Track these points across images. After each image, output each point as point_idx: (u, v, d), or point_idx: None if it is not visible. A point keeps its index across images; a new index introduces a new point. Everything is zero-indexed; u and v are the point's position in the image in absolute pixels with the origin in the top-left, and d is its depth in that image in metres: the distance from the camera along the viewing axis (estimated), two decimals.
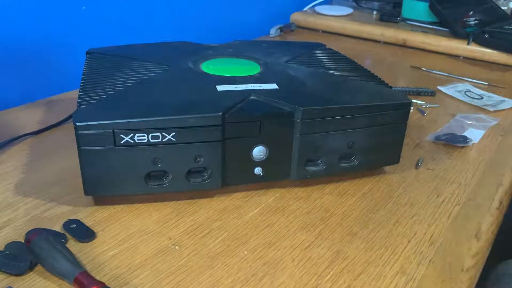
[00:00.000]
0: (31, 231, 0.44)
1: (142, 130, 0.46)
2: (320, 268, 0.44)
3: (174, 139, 0.47)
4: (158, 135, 0.47)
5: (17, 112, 0.74)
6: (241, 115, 0.49)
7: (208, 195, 0.54)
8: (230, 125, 0.49)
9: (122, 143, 0.46)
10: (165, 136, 0.47)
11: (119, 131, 0.46)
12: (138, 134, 0.46)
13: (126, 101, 0.50)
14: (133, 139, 0.46)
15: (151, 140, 0.47)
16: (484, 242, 0.49)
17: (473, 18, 1.18)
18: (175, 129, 0.47)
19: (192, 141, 0.48)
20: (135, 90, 0.53)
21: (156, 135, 0.47)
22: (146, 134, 0.46)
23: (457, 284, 0.43)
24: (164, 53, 0.66)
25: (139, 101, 0.50)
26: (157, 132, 0.47)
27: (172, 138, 0.47)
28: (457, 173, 0.61)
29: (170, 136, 0.47)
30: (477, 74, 1.00)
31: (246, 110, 0.50)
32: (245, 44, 0.75)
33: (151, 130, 0.46)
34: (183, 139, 0.48)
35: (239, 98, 0.51)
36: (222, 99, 0.51)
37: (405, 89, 0.87)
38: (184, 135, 0.48)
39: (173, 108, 0.48)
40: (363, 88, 0.59)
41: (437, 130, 0.73)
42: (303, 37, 1.27)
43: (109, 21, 0.92)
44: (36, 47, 0.81)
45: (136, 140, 0.46)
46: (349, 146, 0.54)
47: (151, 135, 0.47)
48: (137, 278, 0.42)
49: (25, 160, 0.60)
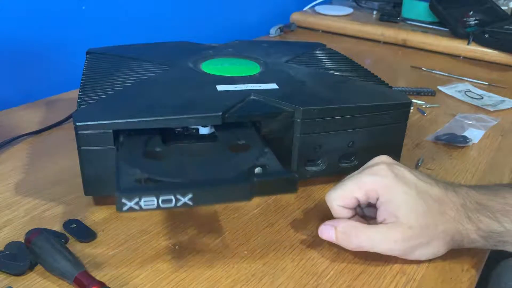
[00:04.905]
0: (31, 231, 0.44)
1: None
2: (320, 268, 0.44)
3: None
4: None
5: (17, 112, 0.74)
6: (241, 115, 0.49)
7: None
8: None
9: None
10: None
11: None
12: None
13: (126, 101, 0.50)
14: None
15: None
16: None
17: (473, 18, 1.18)
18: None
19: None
20: (135, 90, 0.53)
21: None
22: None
23: (457, 284, 0.43)
24: (164, 53, 0.66)
25: (139, 101, 0.50)
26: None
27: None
28: (457, 173, 0.61)
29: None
30: (477, 74, 1.00)
31: (246, 110, 0.50)
32: (245, 44, 0.75)
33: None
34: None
35: (239, 98, 0.51)
36: (222, 99, 0.51)
37: (405, 89, 0.87)
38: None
39: (173, 108, 0.48)
40: (363, 88, 0.59)
41: (437, 130, 0.73)
42: (303, 37, 1.27)
43: (109, 21, 0.92)
44: (36, 47, 0.81)
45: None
46: (349, 146, 0.54)
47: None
48: (137, 278, 0.42)
49: (25, 160, 0.60)
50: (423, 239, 0.42)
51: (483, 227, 0.41)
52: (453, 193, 0.43)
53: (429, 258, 0.44)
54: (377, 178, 0.43)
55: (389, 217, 0.43)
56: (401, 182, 0.43)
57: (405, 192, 0.42)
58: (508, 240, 0.41)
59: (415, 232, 0.42)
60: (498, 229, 0.41)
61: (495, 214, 0.41)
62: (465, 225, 0.42)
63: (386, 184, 0.43)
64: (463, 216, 0.42)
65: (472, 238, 0.42)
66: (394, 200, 0.42)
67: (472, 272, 0.45)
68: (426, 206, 0.42)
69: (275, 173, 0.42)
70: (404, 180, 0.43)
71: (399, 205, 0.42)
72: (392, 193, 0.43)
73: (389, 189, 0.43)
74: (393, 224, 0.42)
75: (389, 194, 0.43)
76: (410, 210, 0.42)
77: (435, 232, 0.42)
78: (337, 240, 0.44)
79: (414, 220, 0.42)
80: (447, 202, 0.42)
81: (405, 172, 0.44)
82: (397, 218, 0.42)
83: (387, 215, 0.43)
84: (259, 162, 0.43)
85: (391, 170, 0.43)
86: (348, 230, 0.43)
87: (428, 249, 0.43)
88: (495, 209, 0.41)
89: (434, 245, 0.43)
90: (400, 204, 0.42)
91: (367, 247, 0.43)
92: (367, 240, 0.43)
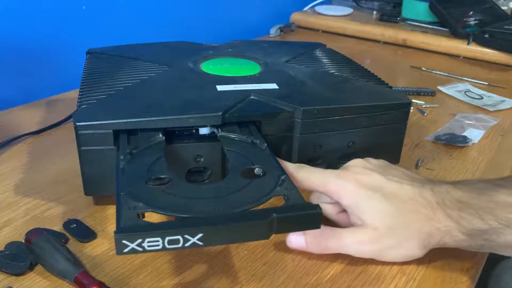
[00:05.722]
0: (31, 231, 0.44)
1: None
2: (320, 268, 0.44)
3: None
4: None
5: (17, 112, 0.74)
6: (241, 115, 0.49)
7: None
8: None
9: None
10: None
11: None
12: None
13: (126, 101, 0.50)
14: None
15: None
16: None
17: (473, 18, 1.18)
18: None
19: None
20: (135, 90, 0.53)
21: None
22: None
23: (457, 284, 0.43)
24: (164, 53, 0.66)
25: (139, 101, 0.50)
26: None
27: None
28: (457, 173, 0.61)
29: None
30: (477, 74, 1.00)
31: (246, 110, 0.50)
32: (245, 44, 0.75)
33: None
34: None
35: (239, 98, 0.51)
36: (222, 99, 0.51)
37: (405, 89, 0.87)
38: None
39: (173, 108, 0.48)
40: (363, 88, 0.59)
41: (437, 130, 0.73)
42: (303, 37, 1.27)
43: (109, 21, 0.92)
44: (36, 47, 0.81)
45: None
46: (349, 146, 0.54)
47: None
48: (137, 278, 0.42)
49: (25, 160, 0.60)
50: (392, 240, 0.42)
51: (465, 224, 0.40)
52: (429, 192, 0.42)
53: (406, 259, 0.43)
54: (340, 182, 0.44)
55: (356, 220, 0.43)
56: (364, 187, 0.43)
57: (368, 196, 0.42)
58: (495, 238, 0.40)
59: (381, 233, 0.42)
60: (482, 226, 0.40)
61: (478, 211, 0.40)
62: (443, 222, 0.41)
63: (348, 189, 0.43)
64: (440, 213, 0.41)
65: (455, 235, 0.41)
66: (357, 205, 0.43)
67: (472, 272, 0.45)
68: (393, 207, 0.42)
69: (297, 209, 0.37)
70: (368, 185, 0.43)
71: (363, 209, 0.42)
72: (355, 197, 0.43)
73: (351, 194, 0.43)
74: (360, 226, 0.43)
75: (351, 199, 0.43)
76: (374, 213, 0.42)
77: (406, 232, 0.42)
78: (307, 247, 0.44)
79: (379, 222, 0.42)
80: (420, 201, 0.42)
81: (373, 176, 0.44)
82: (362, 221, 0.42)
83: (355, 218, 0.43)
84: (277, 193, 0.39)
85: (355, 177, 0.44)
86: (318, 234, 0.43)
87: (400, 250, 0.43)
88: (478, 207, 0.40)
89: (407, 246, 0.42)
90: (363, 208, 0.42)
91: (337, 249, 0.43)
92: (336, 242, 0.43)
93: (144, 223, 0.34)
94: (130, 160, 0.42)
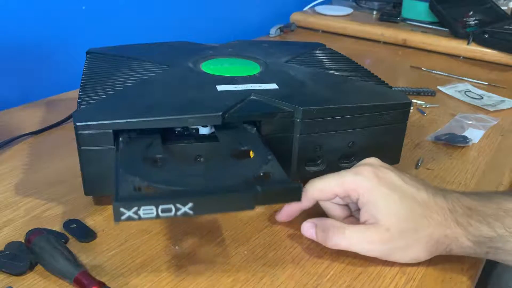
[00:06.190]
0: (31, 231, 0.44)
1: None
2: (320, 268, 0.44)
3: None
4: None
5: (17, 112, 0.74)
6: (241, 115, 0.49)
7: None
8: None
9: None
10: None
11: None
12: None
13: (126, 101, 0.50)
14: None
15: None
16: None
17: (473, 18, 1.18)
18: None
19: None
20: (135, 90, 0.53)
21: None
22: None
23: (457, 284, 0.43)
24: (164, 53, 0.66)
25: (139, 101, 0.50)
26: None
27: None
28: (457, 173, 0.61)
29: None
30: (477, 74, 1.00)
31: (246, 110, 0.50)
32: (245, 44, 0.75)
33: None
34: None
35: (239, 98, 0.51)
36: (222, 99, 0.51)
37: (405, 89, 0.87)
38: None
39: (173, 108, 0.48)
40: (363, 88, 0.59)
41: (437, 130, 0.73)
42: (303, 37, 1.27)
43: (109, 21, 0.92)
44: (36, 47, 0.81)
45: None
46: (349, 146, 0.54)
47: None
48: (137, 278, 0.42)
49: (25, 160, 0.60)
50: (401, 242, 0.42)
51: (473, 231, 0.41)
52: (441, 198, 0.43)
53: (410, 262, 0.43)
54: (359, 178, 0.43)
55: (370, 218, 0.43)
56: (383, 184, 0.43)
57: (386, 194, 0.42)
58: (501, 246, 0.40)
59: (393, 235, 0.42)
60: (489, 233, 0.40)
61: (486, 218, 0.40)
62: (452, 228, 0.41)
63: (367, 185, 0.43)
64: (451, 220, 0.41)
65: (461, 242, 0.41)
66: (374, 202, 0.42)
67: (472, 272, 0.45)
68: (408, 210, 0.42)
69: (279, 183, 0.41)
70: (387, 183, 0.43)
71: (379, 207, 0.42)
72: (373, 195, 0.43)
73: (370, 190, 0.43)
74: (372, 225, 0.42)
75: (370, 196, 0.43)
76: (390, 213, 0.42)
77: (416, 236, 0.42)
78: (317, 238, 0.44)
79: (393, 223, 0.42)
80: (433, 207, 0.42)
81: (391, 175, 0.44)
82: (376, 220, 0.42)
83: (368, 216, 0.43)
84: (263, 170, 0.42)
85: (375, 172, 0.43)
86: (327, 228, 0.43)
87: (407, 253, 0.43)
88: (486, 214, 0.41)
89: (414, 250, 0.42)
90: (380, 206, 0.42)
91: (345, 246, 0.43)
92: (344, 239, 0.43)
93: (140, 194, 0.37)
94: (128, 141, 0.45)
